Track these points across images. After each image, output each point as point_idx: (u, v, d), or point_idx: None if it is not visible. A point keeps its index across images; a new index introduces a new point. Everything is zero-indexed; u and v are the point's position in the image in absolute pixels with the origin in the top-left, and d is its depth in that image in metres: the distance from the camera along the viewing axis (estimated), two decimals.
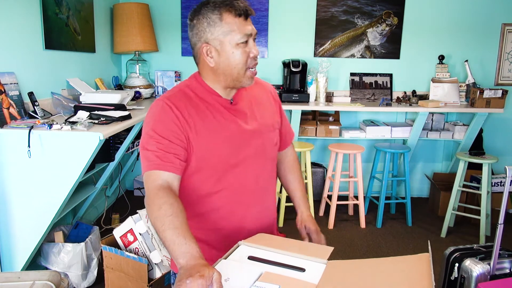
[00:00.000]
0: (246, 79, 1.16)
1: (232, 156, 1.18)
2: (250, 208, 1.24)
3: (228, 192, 1.20)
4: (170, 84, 3.74)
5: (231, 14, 1.10)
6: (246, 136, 1.19)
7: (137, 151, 3.60)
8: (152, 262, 1.90)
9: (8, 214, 2.01)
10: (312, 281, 0.92)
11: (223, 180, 1.18)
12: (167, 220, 0.98)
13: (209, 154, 1.15)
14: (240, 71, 1.14)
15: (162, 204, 1.01)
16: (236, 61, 1.12)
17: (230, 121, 1.18)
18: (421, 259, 0.96)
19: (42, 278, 1.13)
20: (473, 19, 3.76)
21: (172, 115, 1.11)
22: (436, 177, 3.82)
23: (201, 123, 1.14)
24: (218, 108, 1.18)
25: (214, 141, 1.15)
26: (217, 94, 1.19)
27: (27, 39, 2.35)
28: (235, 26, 1.10)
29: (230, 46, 1.11)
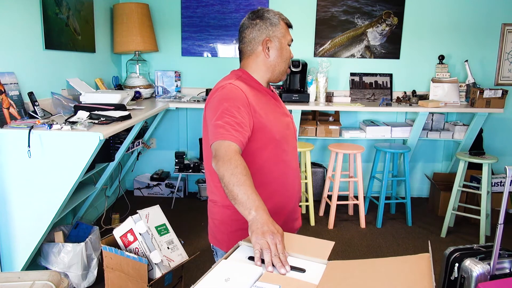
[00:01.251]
0: (284, 74, 1.44)
1: (282, 134, 1.37)
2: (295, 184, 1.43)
3: (280, 166, 1.37)
4: (170, 84, 3.74)
5: (284, 22, 1.42)
6: (285, 119, 1.43)
7: (137, 151, 3.61)
8: (152, 262, 1.90)
9: (8, 214, 2.01)
10: (313, 281, 0.92)
11: (275, 154, 1.35)
12: (243, 177, 1.12)
13: (264, 129, 1.32)
14: (286, 65, 1.42)
15: (239, 164, 1.15)
16: (286, 56, 1.41)
17: (275, 105, 1.43)
18: (422, 259, 0.96)
19: (42, 278, 1.13)
20: (473, 19, 3.76)
21: (241, 93, 1.30)
22: (436, 177, 3.82)
23: (259, 104, 1.34)
24: (266, 95, 1.41)
25: (268, 119, 1.33)
26: (263, 87, 1.42)
27: (27, 39, 2.35)
28: (287, 31, 1.43)
29: (285, 44, 1.40)
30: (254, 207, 1.07)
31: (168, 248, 1.96)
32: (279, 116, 1.41)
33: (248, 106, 1.29)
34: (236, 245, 1.09)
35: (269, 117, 1.34)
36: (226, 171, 1.14)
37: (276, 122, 1.37)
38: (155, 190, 3.91)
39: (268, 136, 1.33)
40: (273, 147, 1.35)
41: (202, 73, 3.84)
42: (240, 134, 1.21)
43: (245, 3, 3.74)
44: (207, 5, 3.75)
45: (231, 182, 1.12)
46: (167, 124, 3.96)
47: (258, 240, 1.01)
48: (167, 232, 2.01)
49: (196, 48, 3.80)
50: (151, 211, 2.00)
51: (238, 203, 1.11)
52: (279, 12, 1.46)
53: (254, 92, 1.37)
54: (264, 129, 1.32)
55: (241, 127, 1.22)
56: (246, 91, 1.33)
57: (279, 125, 1.38)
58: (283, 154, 1.38)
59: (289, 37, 1.44)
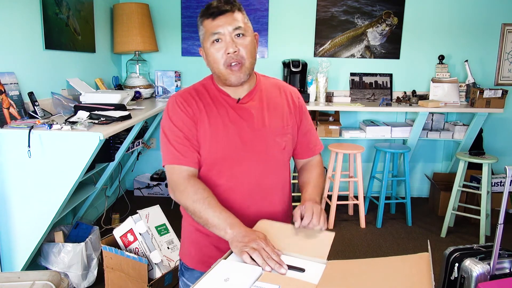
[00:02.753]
0: (229, 76, 1.19)
1: (231, 154, 1.21)
2: (245, 210, 1.22)
3: (225, 190, 1.22)
4: (170, 84, 3.74)
5: (205, 17, 1.18)
6: (247, 137, 1.21)
7: (137, 151, 3.61)
8: (152, 262, 1.90)
9: (8, 214, 2.01)
10: (312, 281, 0.92)
11: (221, 175, 1.22)
12: (206, 201, 1.12)
13: (209, 148, 1.20)
14: (219, 68, 1.19)
15: (197, 189, 1.14)
16: (213, 59, 1.19)
17: (234, 120, 1.22)
18: (421, 258, 0.96)
19: (42, 278, 1.13)
20: (473, 19, 3.76)
21: (184, 109, 1.21)
22: (436, 177, 3.82)
23: (207, 118, 1.21)
24: (225, 106, 1.23)
25: (215, 137, 1.20)
26: (225, 94, 1.25)
27: (27, 39, 2.35)
28: (208, 27, 1.18)
29: (208, 47, 1.19)
30: (228, 225, 1.08)
31: (168, 248, 1.96)
32: (235, 132, 1.20)
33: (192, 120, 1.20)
34: None
35: (212, 133, 1.20)
36: (186, 200, 1.15)
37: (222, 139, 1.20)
38: (155, 190, 3.91)
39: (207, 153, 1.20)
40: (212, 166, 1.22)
41: (202, 73, 3.79)
42: (189, 155, 1.18)
43: (245, 3, 3.73)
44: None
45: (196, 210, 1.13)
46: None
47: (243, 249, 1.00)
48: (167, 232, 2.01)
49: (196, 48, 3.80)
50: (151, 211, 2.00)
51: (211, 227, 1.11)
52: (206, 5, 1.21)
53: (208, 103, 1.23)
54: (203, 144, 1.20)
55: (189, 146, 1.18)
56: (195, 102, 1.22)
57: (226, 143, 1.20)
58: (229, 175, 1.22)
59: (208, 31, 1.17)
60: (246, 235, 1.04)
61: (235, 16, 1.17)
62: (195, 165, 1.19)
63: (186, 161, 1.18)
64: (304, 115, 1.35)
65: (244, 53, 1.18)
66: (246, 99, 1.25)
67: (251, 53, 1.20)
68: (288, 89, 1.35)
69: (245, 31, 1.18)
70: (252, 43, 1.20)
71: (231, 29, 1.16)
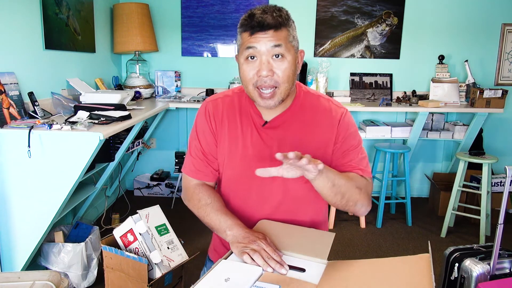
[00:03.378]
0: (257, 99, 1.08)
1: (247, 177, 1.16)
2: None
3: (239, 208, 1.21)
4: (170, 84, 3.74)
5: (243, 28, 1.06)
6: (266, 164, 1.10)
7: (137, 151, 3.61)
8: (152, 262, 1.89)
9: (8, 214, 2.01)
10: (312, 281, 0.92)
11: (236, 196, 1.21)
12: (208, 207, 1.14)
13: (227, 165, 1.19)
14: (248, 88, 1.08)
15: (201, 197, 1.16)
16: (243, 77, 1.08)
17: (255, 143, 1.14)
18: (422, 259, 0.96)
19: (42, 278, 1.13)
20: (473, 19, 3.76)
21: (209, 121, 1.18)
22: (436, 177, 3.82)
23: (228, 135, 1.17)
24: (251, 125, 1.15)
25: (233, 156, 1.17)
26: (255, 111, 1.15)
27: (27, 39, 2.35)
28: (244, 39, 1.06)
29: (241, 61, 1.08)
30: (228, 227, 1.09)
31: (168, 248, 1.96)
32: (253, 156, 1.14)
33: (213, 134, 1.18)
34: None
35: (231, 151, 1.16)
36: (193, 208, 1.19)
37: (239, 160, 1.15)
38: (155, 190, 3.91)
39: (224, 170, 1.20)
40: (228, 184, 1.21)
41: (202, 73, 3.84)
42: (202, 169, 1.20)
43: (245, 3, 3.74)
44: (207, 5, 3.75)
45: (201, 216, 1.17)
46: (167, 124, 3.96)
47: (243, 249, 0.99)
48: (167, 232, 2.01)
49: (196, 48, 3.80)
50: (151, 211, 2.00)
51: (215, 230, 1.14)
52: (250, 11, 1.07)
53: (235, 118, 1.16)
54: (220, 159, 1.19)
55: (205, 160, 1.20)
56: (221, 115, 1.17)
57: (241, 164, 1.15)
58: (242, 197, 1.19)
59: (244, 46, 1.05)
60: (246, 236, 1.04)
61: (279, 34, 1.03)
62: (206, 179, 1.22)
63: (197, 176, 1.21)
64: (344, 141, 1.15)
65: (280, 78, 1.05)
66: (275, 122, 1.14)
67: (288, 77, 1.06)
68: (338, 113, 1.16)
69: (286, 51, 1.04)
70: (292, 65, 1.07)
71: (269, 47, 1.03)
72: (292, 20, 1.10)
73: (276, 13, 1.04)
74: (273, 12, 1.04)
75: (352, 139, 1.16)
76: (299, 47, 1.13)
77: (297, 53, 1.10)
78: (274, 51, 1.03)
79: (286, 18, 1.06)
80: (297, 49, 1.10)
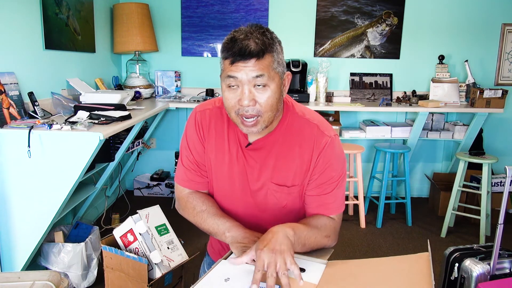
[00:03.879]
0: (240, 126, 1.04)
1: (230, 194, 1.18)
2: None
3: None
4: (170, 84, 3.74)
5: (224, 54, 1.00)
6: (248, 185, 1.14)
7: (137, 151, 3.61)
8: (152, 262, 1.89)
9: (8, 214, 2.01)
10: (312, 281, 0.92)
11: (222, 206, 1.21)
12: (204, 214, 1.14)
13: (212, 174, 1.20)
14: (231, 115, 1.04)
15: (195, 204, 1.17)
16: (225, 103, 1.04)
17: (240, 162, 1.13)
18: (421, 258, 0.96)
19: (42, 278, 1.13)
20: (473, 19, 3.76)
21: (198, 130, 1.18)
22: (436, 177, 3.82)
23: (215, 149, 1.16)
24: (236, 144, 1.13)
25: (220, 170, 1.18)
26: (240, 131, 1.10)
27: (27, 39, 2.35)
28: (225, 67, 1.00)
29: (223, 87, 1.03)
30: (227, 229, 1.09)
31: (168, 248, 1.96)
32: (236, 176, 1.14)
33: (202, 144, 1.18)
34: None
35: (217, 167, 1.17)
36: (189, 216, 1.19)
37: (224, 177, 1.16)
38: (155, 190, 3.91)
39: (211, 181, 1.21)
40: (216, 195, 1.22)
41: (202, 73, 3.84)
42: (195, 179, 1.20)
43: (245, 3, 3.74)
44: (207, 5, 3.75)
45: (198, 223, 1.16)
46: (167, 124, 3.96)
47: (243, 249, 1.00)
48: (167, 232, 2.01)
49: (196, 48, 3.80)
50: (151, 211, 2.00)
51: (213, 234, 1.13)
52: (232, 33, 1.00)
53: (222, 132, 1.15)
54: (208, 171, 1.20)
55: (197, 170, 1.19)
56: (208, 127, 1.16)
57: (225, 182, 1.16)
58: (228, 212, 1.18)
59: (225, 77, 1.00)
60: (246, 236, 1.04)
61: (261, 62, 0.97)
62: (199, 188, 1.21)
63: (190, 185, 1.21)
64: (322, 174, 1.11)
65: (262, 108, 1.00)
66: (257, 144, 1.11)
67: (271, 106, 1.01)
68: (316, 140, 1.11)
69: (269, 80, 0.98)
70: (275, 93, 1.01)
71: (250, 78, 0.97)
72: (278, 41, 1.03)
73: (259, 39, 0.97)
74: (256, 38, 0.97)
75: (332, 170, 1.12)
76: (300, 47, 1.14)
77: (282, 78, 1.04)
78: (256, 81, 0.98)
79: (270, 44, 0.99)
80: (282, 73, 1.03)
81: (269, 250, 0.89)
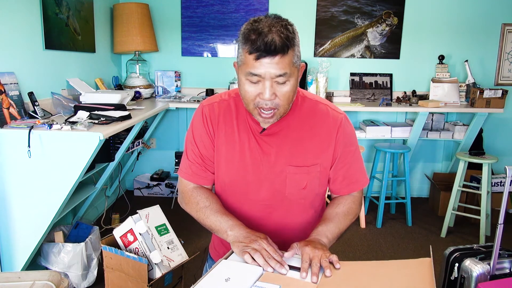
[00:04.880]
0: (256, 117, 1.06)
1: (244, 184, 1.16)
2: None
3: (238, 213, 1.18)
4: (170, 84, 3.74)
5: (247, 48, 0.97)
6: (264, 170, 1.13)
7: (137, 151, 3.61)
8: (152, 262, 1.89)
9: (8, 214, 2.01)
10: (313, 280, 0.92)
11: (234, 200, 1.20)
12: (207, 210, 1.13)
13: (224, 170, 1.18)
14: (248, 106, 1.05)
15: (199, 200, 1.16)
16: (243, 93, 1.04)
17: (253, 150, 1.14)
18: (423, 264, 0.96)
19: (42, 278, 1.13)
20: (473, 19, 3.76)
21: (206, 125, 1.17)
22: (436, 177, 3.82)
23: (225, 141, 1.16)
24: (248, 132, 1.14)
25: (231, 162, 1.17)
26: (253, 119, 1.12)
27: (27, 39, 2.35)
28: (247, 61, 0.99)
29: (242, 79, 1.03)
30: (229, 227, 1.08)
31: (168, 248, 1.96)
32: (250, 163, 1.14)
33: (210, 138, 1.17)
34: None
35: (228, 157, 1.16)
36: (191, 211, 1.19)
37: (236, 166, 1.15)
38: (155, 190, 3.91)
39: (219, 176, 1.20)
40: (223, 190, 1.21)
41: (202, 73, 3.84)
42: (200, 173, 1.19)
43: (245, 3, 3.74)
44: (207, 5, 3.75)
45: (200, 219, 1.16)
46: (167, 124, 3.96)
47: (244, 249, 1.00)
48: (167, 232, 2.01)
49: (196, 48, 3.80)
50: (151, 211, 2.00)
51: (215, 231, 1.13)
52: (254, 23, 0.98)
53: (231, 123, 1.15)
54: (217, 165, 1.19)
55: (202, 165, 1.19)
56: (217, 120, 1.16)
57: (237, 170, 1.15)
58: (240, 204, 1.19)
59: (248, 68, 0.99)
60: (247, 236, 1.04)
61: (285, 59, 0.97)
62: (203, 182, 1.21)
63: (195, 180, 1.20)
64: (344, 149, 1.15)
65: (281, 101, 1.02)
66: (272, 128, 1.12)
67: (289, 99, 1.04)
68: (337, 120, 1.15)
69: (290, 76, 1.00)
70: (294, 86, 1.03)
71: (273, 75, 0.98)
72: (297, 32, 1.02)
73: (284, 33, 0.96)
74: (280, 32, 0.95)
75: (350, 145, 1.17)
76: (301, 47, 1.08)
77: (299, 70, 1.05)
78: (278, 79, 0.99)
79: (292, 38, 0.98)
80: (299, 66, 1.04)
81: (312, 247, 1.00)
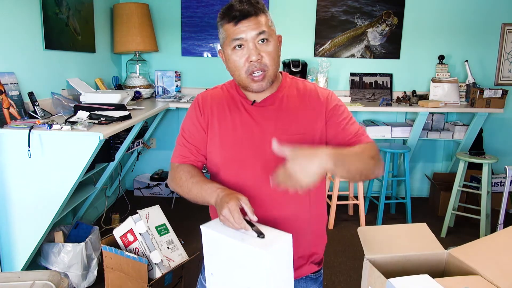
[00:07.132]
0: (250, 84, 1.13)
1: (238, 156, 1.17)
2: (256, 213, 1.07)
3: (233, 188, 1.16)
4: (170, 84, 3.74)
5: (225, 20, 1.12)
6: (258, 140, 1.15)
7: (137, 151, 3.61)
8: (152, 262, 1.90)
9: (8, 214, 2.01)
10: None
11: (230, 178, 1.19)
12: (189, 182, 1.15)
13: (219, 151, 1.20)
14: (241, 76, 1.13)
15: (182, 175, 1.18)
16: (234, 66, 1.14)
17: (245, 122, 1.18)
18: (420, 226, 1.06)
19: (42, 278, 1.13)
20: (473, 19, 3.76)
21: (199, 114, 1.22)
22: (436, 177, 3.82)
23: (217, 123, 1.20)
24: (239, 108, 1.20)
25: (224, 140, 1.19)
26: (243, 96, 1.21)
27: (27, 39, 2.35)
28: (229, 32, 1.11)
29: (229, 52, 1.14)
30: (210, 195, 1.09)
31: (168, 248, 1.96)
32: (244, 135, 1.16)
33: (201, 123, 1.21)
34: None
35: (221, 135, 1.18)
36: (175, 187, 1.21)
37: (231, 141, 1.17)
38: (155, 190, 3.91)
39: (215, 155, 1.20)
40: (220, 168, 1.20)
41: (202, 73, 3.84)
42: (189, 155, 1.22)
43: None
44: (207, 5, 3.75)
45: (185, 193, 1.18)
46: (167, 124, 3.96)
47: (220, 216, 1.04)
48: (167, 232, 2.01)
49: (196, 48, 3.80)
50: (151, 211, 2.00)
51: (200, 200, 1.14)
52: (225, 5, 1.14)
53: (222, 106, 1.21)
54: (211, 146, 1.21)
55: (191, 148, 1.21)
56: (210, 106, 1.21)
57: (233, 145, 1.17)
58: (240, 178, 1.17)
59: (229, 37, 1.11)
60: (222, 199, 1.04)
61: (259, 20, 1.10)
62: (194, 162, 1.23)
63: (179, 160, 1.23)
64: (335, 115, 1.19)
65: (268, 61, 1.12)
66: (264, 102, 1.19)
67: (274, 60, 1.13)
68: (323, 94, 1.22)
69: (269, 35, 1.11)
70: (276, 48, 1.14)
71: (254, 35, 1.09)
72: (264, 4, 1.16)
73: (253, 4, 1.11)
74: (250, 3, 1.10)
75: (343, 110, 1.22)
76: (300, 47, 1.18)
77: (277, 37, 1.17)
78: (259, 37, 1.10)
79: (262, 5, 1.13)
80: (275, 34, 1.16)
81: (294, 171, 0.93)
